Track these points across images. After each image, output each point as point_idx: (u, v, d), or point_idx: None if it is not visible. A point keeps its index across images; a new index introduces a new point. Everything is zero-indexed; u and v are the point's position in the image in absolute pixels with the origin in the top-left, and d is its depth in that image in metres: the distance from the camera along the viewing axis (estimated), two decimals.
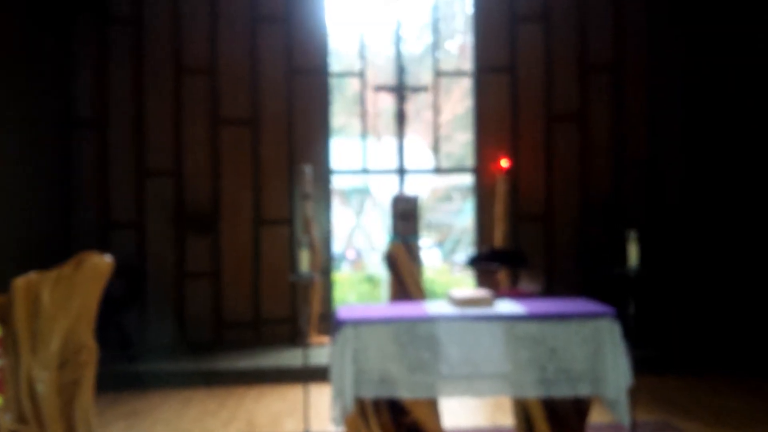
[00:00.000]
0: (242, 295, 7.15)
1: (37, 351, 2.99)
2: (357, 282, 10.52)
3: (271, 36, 7.28)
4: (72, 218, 7.00)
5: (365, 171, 7.70)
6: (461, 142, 10.21)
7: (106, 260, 3.28)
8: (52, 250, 6.52)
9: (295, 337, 6.93)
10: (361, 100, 7.88)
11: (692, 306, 6.54)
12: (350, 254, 12.45)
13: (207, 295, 7.11)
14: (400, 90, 7.09)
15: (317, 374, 5.11)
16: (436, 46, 7.85)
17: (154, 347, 6.82)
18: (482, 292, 3.96)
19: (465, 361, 3.62)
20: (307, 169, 6.83)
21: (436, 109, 7.68)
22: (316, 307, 6.74)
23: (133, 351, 6.32)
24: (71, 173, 7.04)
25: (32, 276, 3.06)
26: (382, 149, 7.92)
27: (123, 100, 7.15)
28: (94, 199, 7.07)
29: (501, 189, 7.15)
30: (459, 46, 8.65)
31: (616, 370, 3.59)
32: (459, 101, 9.79)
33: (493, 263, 6.65)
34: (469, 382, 3.65)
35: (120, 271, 3.92)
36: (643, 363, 5.88)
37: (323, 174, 7.28)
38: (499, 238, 7.09)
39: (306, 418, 4.37)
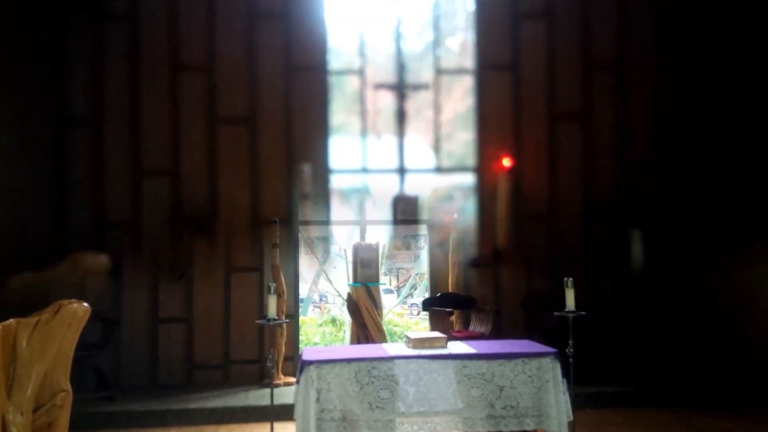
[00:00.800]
0: (213, 338, 7.23)
1: (12, 395, 3.14)
2: (321, 324, 10.75)
3: (270, 33, 7.35)
4: (67, 217, 7.09)
5: (365, 170, 7.71)
6: (462, 141, 10.18)
7: (84, 307, 3.49)
8: (48, 250, 6.58)
9: (263, 378, 7.03)
10: (361, 98, 7.86)
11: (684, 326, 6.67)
12: (315, 298, 12.93)
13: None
14: (401, 88, 7.19)
15: (283, 412, 5.37)
16: (436, 43, 7.90)
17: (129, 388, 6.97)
18: (436, 334, 4.41)
19: (420, 399, 3.96)
20: (306, 168, 6.89)
21: (437, 108, 7.68)
22: (282, 349, 6.87)
23: (111, 392, 6.47)
24: (66, 172, 7.11)
25: (10, 322, 3.26)
26: (383, 148, 7.91)
27: (119, 98, 7.20)
28: (89, 198, 7.14)
29: (503, 188, 7.19)
30: (460, 43, 8.58)
31: (558, 406, 3.97)
32: (460, 99, 9.73)
33: (446, 307, 6.84)
34: (425, 419, 3.98)
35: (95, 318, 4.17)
36: (616, 397, 6.22)
37: (322, 173, 7.35)
38: (452, 284, 7.29)
39: None
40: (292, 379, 6.68)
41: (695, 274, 6.72)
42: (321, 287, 12.90)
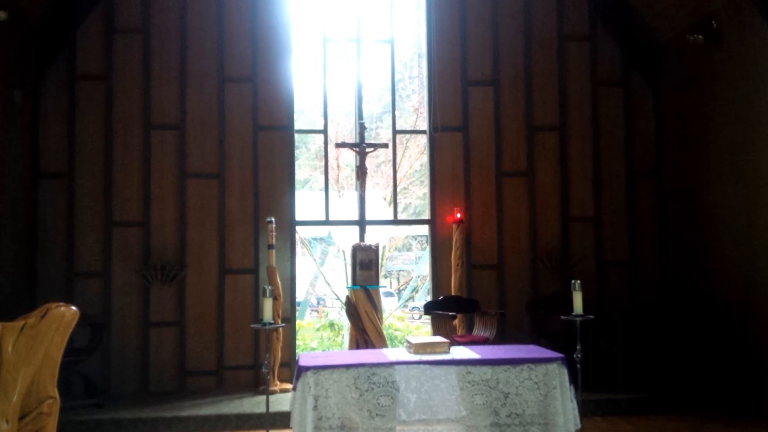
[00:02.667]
0: (206, 342, 7.11)
1: None
2: (319, 328, 10.52)
3: (239, 94, 7.35)
4: (38, 268, 6.90)
5: (328, 222, 7.76)
6: (418, 194, 10.54)
7: (72, 310, 3.20)
8: (19, 299, 6.44)
9: (258, 384, 6.88)
10: (325, 155, 8.16)
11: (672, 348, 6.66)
12: (312, 301, 12.52)
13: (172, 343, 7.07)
14: (360, 146, 7.17)
15: (279, 420, 5.19)
16: (394, 106, 8.02)
17: (119, 395, 6.69)
18: (438, 339, 4.08)
19: (422, 406, 3.66)
20: (272, 221, 6.83)
21: (395, 164, 7.99)
22: (278, 354, 6.71)
23: (99, 399, 6.18)
24: (38, 223, 6.96)
25: None
26: (345, 201, 8.16)
27: (92, 153, 7.11)
28: (60, 249, 6.98)
29: (456, 239, 7.35)
30: (415, 107, 9.09)
31: (566, 414, 3.71)
32: (416, 157, 10.17)
33: (449, 311, 6.73)
34: (427, 427, 3.71)
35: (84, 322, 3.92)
36: (625, 404, 6.06)
37: (288, 225, 7.33)
38: (454, 286, 7.23)
39: None
40: (289, 386, 6.35)
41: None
42: (318, 290, 12.35)
